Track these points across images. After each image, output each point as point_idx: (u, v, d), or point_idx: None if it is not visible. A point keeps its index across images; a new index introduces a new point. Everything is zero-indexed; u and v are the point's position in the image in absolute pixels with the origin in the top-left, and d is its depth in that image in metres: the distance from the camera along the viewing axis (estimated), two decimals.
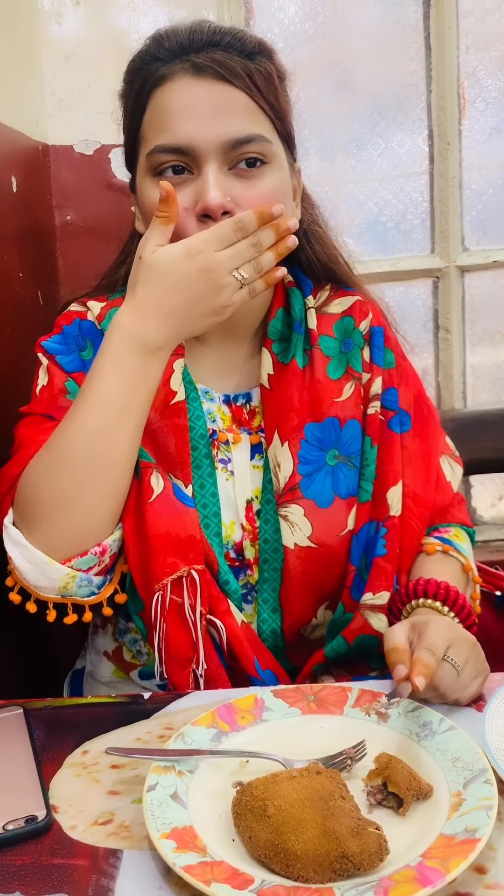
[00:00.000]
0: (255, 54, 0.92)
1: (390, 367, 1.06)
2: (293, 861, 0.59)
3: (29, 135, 1.58)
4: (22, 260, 1.48)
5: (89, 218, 1.71)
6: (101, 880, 0.61)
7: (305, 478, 0.98)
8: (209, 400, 1.03)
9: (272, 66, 0.94)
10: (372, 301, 1.09)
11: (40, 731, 0.80)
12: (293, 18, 1.83)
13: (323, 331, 1.05)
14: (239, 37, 0.92)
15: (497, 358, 1.99)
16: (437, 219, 1.92)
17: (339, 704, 0.79)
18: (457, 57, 1.85)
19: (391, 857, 0.60)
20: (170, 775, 0.68)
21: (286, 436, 0.99)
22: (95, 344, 1.01)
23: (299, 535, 0.97)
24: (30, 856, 0.64)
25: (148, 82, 0.92)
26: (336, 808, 0.61)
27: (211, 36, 0.91)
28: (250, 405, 1.04)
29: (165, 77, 0.91)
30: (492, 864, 0.60)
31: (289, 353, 1.02)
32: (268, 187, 0.92)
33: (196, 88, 0.89)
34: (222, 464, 1.01)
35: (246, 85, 0.90)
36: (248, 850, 0.62)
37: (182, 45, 0.91)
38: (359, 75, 1.84)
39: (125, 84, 0.98)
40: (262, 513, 0.99)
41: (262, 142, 0.91)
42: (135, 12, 1.70)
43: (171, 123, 0.89)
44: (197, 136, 0.88)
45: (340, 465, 1.00)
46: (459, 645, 0.79)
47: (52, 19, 1.68)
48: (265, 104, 0.92)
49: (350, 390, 1.03)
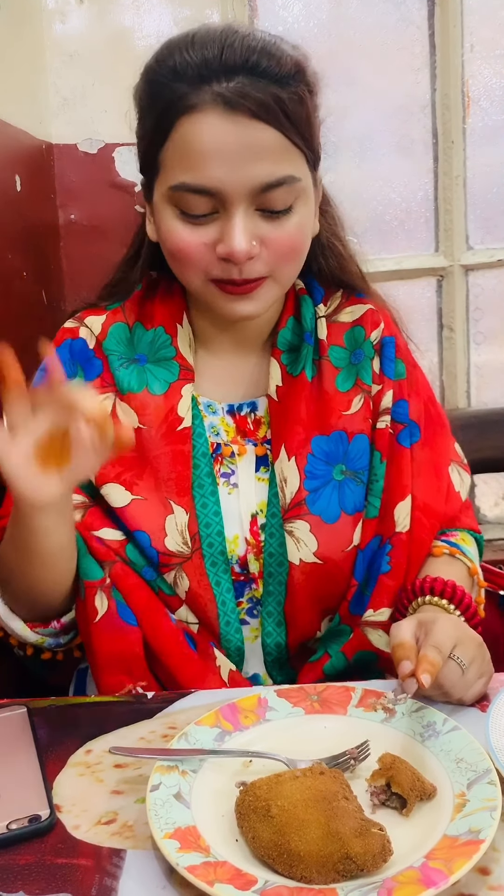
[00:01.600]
0: (290, 78, 0.85)
1: (401, 379, 1.03)
2: (296, 862, 0.59)
3: (33, 133, 1.58)
4: (26, 259, 1.48)
5: (93, 217, 1.71)
6: (104, 880, 0.61)
7: (312, 493, 0.96)
8: (212, 413, 1.01)
9: (306, 88, 0.88)
10: (384, 309, 1.06)
11: (44, 731, 0.80)
12: (297, 17, 1.83)
13: (333, 340, 1.02)
14: (274, 56, 0.85)
15: (501, 357, 1.99)
16: (441, 217, 1.91)
17: (343, 704, 0.79)
18: (461, 55, 1.84)
19: (395, 858, 0.60)
20: (173, 775, 0.68)
21: (293, 450, 0.97)
22: (86, 368, 1.00)
23: (305, 550, 0.95)
24: (33, 855, 0.64)
25: (173, 108, 0.85)
26: (339, 808, 0.61)
27: (244, 55, 0.83)
28: (255, 415, 1.02)
29: (193, 108, 0.84)
30: (496, 866, 0.60)
31: (298, 365, 1.00)
32: (294, 226, 0.89)
33: (227, 127, 0.83)
34: (224, 478, 0.99)
35: (279, 122, 0.84)
36: (252, 851, 0.62)
37: (211, 66, 0.83)
38: (363, 73, 1.84)
39: (145, 94, 0.90)
40: (267, 526, 0.97)
41: (292, 183, 0.87)
42: (139, 11, 1.70)
43: (199, 163, 0.84)
44: (226, 180, 0.84)
45: (347, 481, 0.98)
46: (466, 644, 0.79)
47: (56, 18, 1.68)
48: (297, 137, 0.86)
49: (359, 403, 1.00)
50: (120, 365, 0.99)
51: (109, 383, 0.99)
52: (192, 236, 0.88)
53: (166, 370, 0.99)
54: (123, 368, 0.99)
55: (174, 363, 0.99)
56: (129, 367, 0.99)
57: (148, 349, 1.00)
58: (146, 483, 0.95)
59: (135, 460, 0.96)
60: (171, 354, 1.00)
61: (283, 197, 0.87)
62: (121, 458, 0.95)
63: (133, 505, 0.94)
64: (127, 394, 0.98)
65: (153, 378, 0.99)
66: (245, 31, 0.86)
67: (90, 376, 0.99)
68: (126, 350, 1.00)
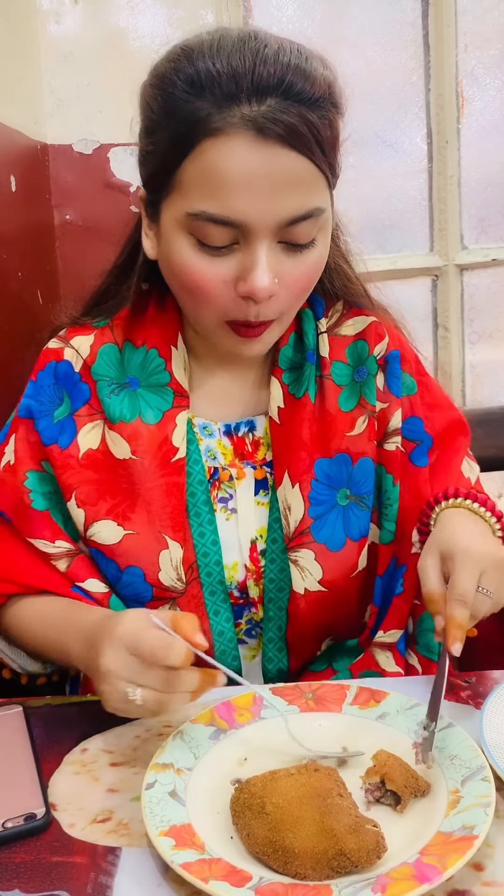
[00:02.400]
0: (321, 100, 0.78)
1: (411, 394, 0.99)
2: (291, 858, 0.59)
3: (28, 134, 1.59)
4: (21, 259, 1.48)
5: (88, 217, 1.72)
6: (99, 878, 0.61)
7: (316, 521, 0.93)
8: (208, 436, 0.97)
9: (336, 110, 0.82)
10: (387, 320, 1.01)
11: (40, 730, 0.81)
12: (291, 17, 1.83)
13: (335, 356, 0.98)
14: (309, 77, 0.77)
15: (496, 356, 1.99)
16: (436, 217, 1.92)
17: (338, 702, 0.79)
18: (455, 55, 1.85)
19: (389, 854, 0.60)
20: (168, 773, 0.69)
21: (297, 477, 0.93)
22: (73, 394, 0.96)
23: (310, 579, 0.92)
24: (29, 854, 0.64)
25: (195, 128, 0.77)
26: (334, 805, 0.61)
27: (279, 74, 0.75)
28: (254, 435, 0.98)
29: (220, 130, 0.75)
30: (489, 862, 0.60)
31: (301, 386, 0.95)
32: (314, 261, 0.84)
33: (256, 155, 0.76)
34: (222, 503, 0.96)
35: (310, 150, 0.78)
36: (247, 848, 0.62)
37: (241, 85, 0.75)
38: (357, 74, 1.84)
39: (157, 105, 0.81)
40: (268, 552, 0.94)
41: (318, 216, 0.81)
42: (133, 11, 1.70)
43: (224, 193, 0.77)
44: (252, 212, 0.77)
45: (352, 506, 0.95)
46: (489, 572, 0.79)
47: (50, 18, 1.68)
48: (325, 164, 0.80)
49: (363, 424, 0.96)
50: (111, 391, 0.95)
51: (97, 410, 0.95)
52: (210, 271, 0.81)
53: (160, 397, 0.94)
54: (115, 395, 0.94)
55: (168, 389, 0.94)
56: (121, 393, 0.95)
57: (139, 371, 0.95)
58: (139, 516, 0.92)
59: (127, 492, 0.92)
60: (166, 380, 0.95)
61: (308, 230, 0.81)
62: (113, 491, 0.92)
63: (126, 540, 0.91)
64: (118, 423, 0.93)
65: (146, 406, 0.94)
66: (274, 44, 0.77)
67: (77, 403, 0.95)
68: (117, 374, 0.95)
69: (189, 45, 0.79)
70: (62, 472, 0.93)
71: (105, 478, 0.93)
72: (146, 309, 0.97)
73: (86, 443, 0.94)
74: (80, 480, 0.93)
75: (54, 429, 0.95)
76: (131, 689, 0.69)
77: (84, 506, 0.92)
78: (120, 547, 0.91)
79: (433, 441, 1.00)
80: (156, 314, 0.97)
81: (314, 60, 0.79)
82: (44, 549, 0.93)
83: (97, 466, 0.93)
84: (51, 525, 0.94)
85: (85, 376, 0.96)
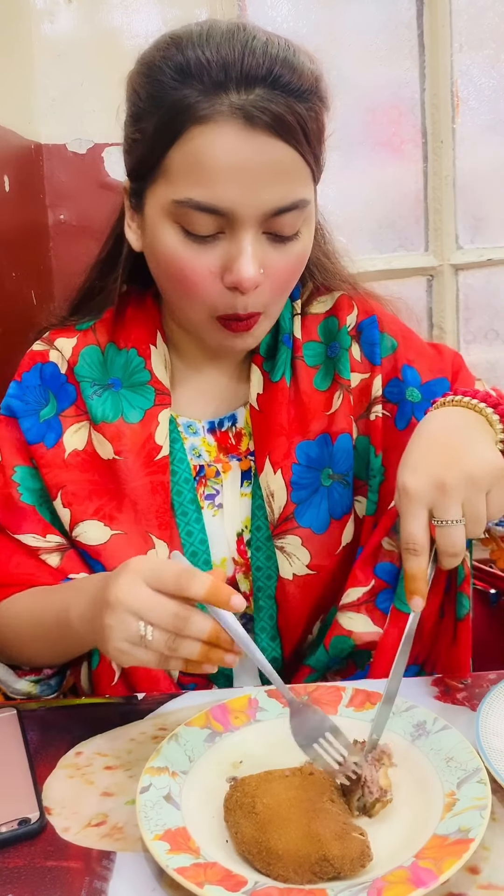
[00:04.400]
0: (308, 92, 0.79)
1: (394, 351, 0.96)
2: (274, 860, 0.58)
3: (21, 134, 1.58)
4: (15, 259, 1.48)
5: (83, 217, 1.71)
6: (94, 882, 0.61)
7: (300, 505, 0.93)
8: (192, 434, 0.97)
9: (321, 104, 0.82)
10: (357, 293, 0.99)
11: (34, 733, 0.80)
12: (286, 17, 1.83)
13: (308, 336, 0.97)
14: (296, 70, 0.78)
15: (491, 356, 1.99)
16: (430, 217, 1.92)
17: (334, 704, 0.79)
18: (450, 55, 1.85)
19: (384, 858, 0.60)
20: (163, 776, 0.68)
21: (278, 462, 0.93)
22: (59, 395, 0.96)
23: (298, 564, 0.92)
24: (23, 858, 0.64)
25: (183, 114, 0.77)
26: (323, 810, 0.61)
27: (267, 65, 0.76)
28: (236, 427, 0.98)
29: (208, 118, 0.76)
30: (485, 865, 0.60)
31: (278, 371, 0.95)
32: (298, 253, 0.84)
33: (244, 143, 0.76)
34: (209, 499, 0.95)
35: (297, 140, 0.78)
36: (234, 847, 0.62)
37: (230, 73, 0.76)
38: (352, 74, 1.84)
39: (145, 91, 0.81)
40: (253, 541, 0.94)
41: (303, 207, 0.81)
42: (127, 10, 1.70)
43: (212, 180, 0.77)
44: (239, 200, 0.77)
45: (335, 485, 0.94)
46: (453, 491, 0.70)
47: (44, 18, 1.68)
48: (310, 156, 0.81)
49: (339, 400, 0.95)
50: (93, 393, 0.95)
51: (83, 411, 0.95)
52: (196, 261, 0.81)
53: (142, 396, 0.94)
54: (97, 397, 0.94)
55: (149, 388, 0.95)
56: (104, 394, 0.95)
57: (122, 373, 0.95)
58: (125, 516, 0.92)
59: (114, 493, 0.92)
60: (146, 379, 0.95)
61: (293, 222, 0.81)
62: (100, 491, 0.92)
63: (113, 541, 0.91)
64: (101, 423, 0.93)
65: (128, 405, 0.94)
66: (263, 36, 0.78)
67: (64, 404, 0.96)
68: (99, 375, 0.96)
69: (178, 35, 0.80)
70: (48, 471, 0.94)
71: (91, 478, 0.93)
72: (125, 308, 0.97)
73: (72, 443, 0.94)
74: (65, 480, 0.93)
75: (40, 427, 0.95)
76: (142, 623, 0.66)
77: (70, 506, 0.92)
78: (106, 547, 0.91)
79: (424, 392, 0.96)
80: (135, 314, 0.97)
81: (301, 54, 0.80)
82: (34, 543, 0.93)
83: (83, 467, 0.93)
84: (40, 520, 0.94)
85: (70, 378, 0.96)
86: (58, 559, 0.92)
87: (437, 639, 0.94)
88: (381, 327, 0.97)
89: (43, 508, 0.95)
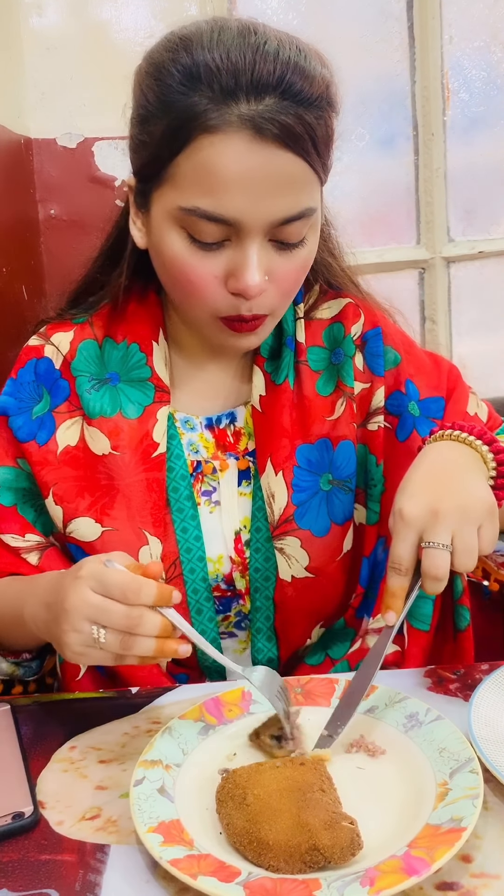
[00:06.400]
0: (318, 100, 0.78)
1: (397, 365, 0.98)
2: (265, 850, 0.59)
3: (11, 128, 1.57)
4: (5, 254, 1.48)
5: (73, 212, 1.71)
6: (88, 875, 0.61)
7: (300, 507, 0.93)
8: (190, 430, 0.97)
9: (332, 110, 0.81)
10: (365, 301, 1.00)
11: (28, 728, 0.80)
12: (276, 9, 1.82)
13: (312, 341, 0.97)
14: (308, 76, 0.77)
15: (483, 348, 2.00)
16: (422, 210, 1.92)
17: (326, 696, 0.79)
18: (441, 47, 1.85)
19: (377, 846, 0.60)
20: (157, 769, 0.68)
21: (279, 464, 0.93)
22: (53, 391, 0.96)
23: (296, 566, 0.92)
24: (16, 852, 0.64)
25: (192, 122, 0.76)
26: (313, 800, 0.61)
27: (279, 73, 0.75)
28: (235, 426, 0.97)
29: (217, 128, 0.75)
30: (478, 853, 0.60)
31: (281, 373, 0.95)
32: (303, 259, 0.84)
33: (253, 155, 0.76)
34: (206, 496, 0.95)
35: (306, 151, 0.78)
36: (226, 838, 0.62)
37: (241, 81, 0.74)
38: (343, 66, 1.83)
39: (153, 94, 0.79)
40: (252, 542, 0.94)
41: (309, 215, 0.81)
42: (116, 3, 1.69)
43: (220, 190, 0.77)
44: (246, 211, 0.77)
45: (335, 490, 0.94)
46: (444, 520, 0.73)
47: (32, 11, 1.67)
48: (319, 165, 0.80)
49: (342, 408, 0.95)
50: (91, 387, 0.94)
51: (77, 407, 0.95)
52: (201, 267, 0.81)
53: (141, 392, 0.94)
54: (95, 391, 0.94)
55: (149, 384, 0.94)
56: (101, 388, 0.94)
57: (120, 366, 0.95)
58: (118, 513, 0.91)
59: (106, 489, 0.92)
60: (147, 375, 0.95)
61: (299, 230, 0.81)
62: (92, 488, 0.92)
63: (104, 537, 0.91)
64: (98, 417, 0.93)
65: (127, 400, 0.94)
66: (274, 40, 0.76)
67: (57, 400, 0.95)
68: (97, 369, 0.95)
69: (187, 35, 0.78)
70: (40, 469, 0.93)
71: (84, 475, 0.93)
72: (127, 302, 0.97)
73: (64, 439, 0.94)
74: (57, 477, 0.93)
75: (32, 425, 0.95)
76: (95, 628, 0.69)
77: (62, 503, 0.92)
78: (99, 543, 0.91)
79: (444, 409, 0.98)
80: (136, 309, 0.97)
81: (313, 59, 0.79)
82: (13, 543, 0.93)
83: (76, 463, 0.93)
84: (19, 520, 0.94)
85: (65, 373, 0.96)
86: (36, 558, 0.93)
87: (440, 650, 0.96)
88: (386, 340, 0.99)
89: (26, 507, 0.95)
